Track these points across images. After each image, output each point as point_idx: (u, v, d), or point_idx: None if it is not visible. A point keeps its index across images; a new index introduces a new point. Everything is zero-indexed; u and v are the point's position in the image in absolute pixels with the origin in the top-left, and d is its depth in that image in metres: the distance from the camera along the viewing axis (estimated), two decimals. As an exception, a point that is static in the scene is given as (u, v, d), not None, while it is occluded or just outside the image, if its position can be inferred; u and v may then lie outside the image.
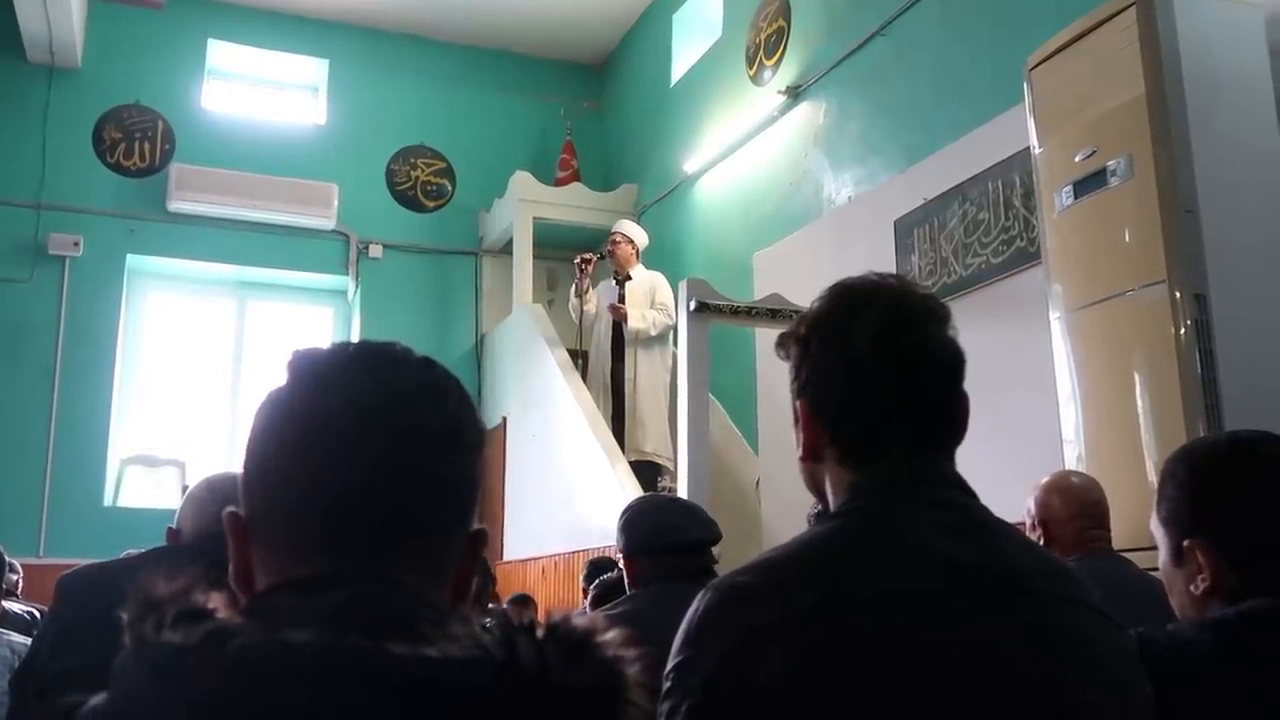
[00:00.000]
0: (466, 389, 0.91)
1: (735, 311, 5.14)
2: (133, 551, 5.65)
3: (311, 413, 0.83)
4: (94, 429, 7.57)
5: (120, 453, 7.80)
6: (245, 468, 0.86)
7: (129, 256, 7.94)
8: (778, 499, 5.49)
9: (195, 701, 0.70)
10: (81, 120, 7.91)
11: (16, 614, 3.82)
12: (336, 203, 8.25)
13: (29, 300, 7.55)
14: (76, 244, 7.64)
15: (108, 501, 7.59)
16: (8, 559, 3.45)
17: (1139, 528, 2.76)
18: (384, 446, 0.82)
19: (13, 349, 7.45)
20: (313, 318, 8.78)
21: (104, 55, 8.03)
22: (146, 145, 8.04)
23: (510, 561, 7.36)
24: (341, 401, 0.83)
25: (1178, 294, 3.14)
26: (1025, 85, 3.79)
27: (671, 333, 6.52)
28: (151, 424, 8.06)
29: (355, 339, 0.93)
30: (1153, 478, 2.97)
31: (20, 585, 5.10)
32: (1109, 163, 3.39)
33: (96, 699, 0.74)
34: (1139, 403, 3.22)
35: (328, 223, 8.29)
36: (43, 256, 7.61)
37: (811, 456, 1.24)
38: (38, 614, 3.94)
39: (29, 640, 2.78)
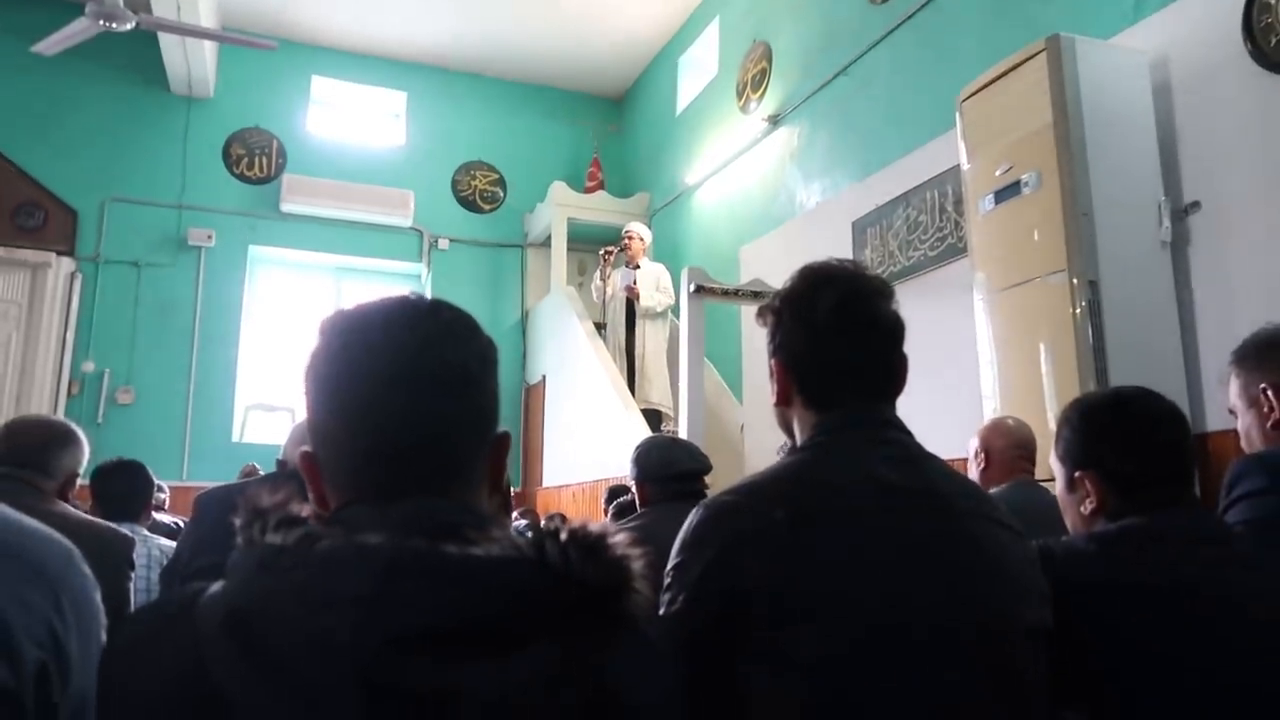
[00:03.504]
0: (473, 322, 0.85)
1: (726, 293, 5.12)
2: (249, 466, 5.73)
3: (349, 371, 0.80)
4: (224, 381, 7.60)
5: (244, 400, 7.82)
6: (309, 417, 0.83)
7: (250, 247, 7.92)
8: (758, 439, 5.49)
9: (292, 588, 0.69)
10: (213, 139, 7.89)
11: (164, 524, 3.84)
12: (413, 206, 8.22)
13: (173, 281, 7.57)
14: (210, 237, 7.65)
15: (235, 438, 7.63)
16: (158, 481, 3.48)
17: (1041, 464, 2.78)
18: (408, 393, 0.79)
19: (160, 319, 7.47)
20: (394, 296, 8.76)
21: (231, 88, 7.99)
22: (264, 159, 8.02)
23: (549, 488, 7.39)
24: (371, 360, 0.79)
25: (1075, 281, 3.12)
26: (957, 114, 3.75)
27: (671, 310, 6.52)
28: (268, 378, 8.07)
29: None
30: (1053, 425, 2.95)
31: (167, 502, 5.14)
32: (1023, 176, 3.35)
33: (215, 586, 0.74)
34: (1043, 366, 3.21)
35: (406, 221, 8.26)
36: (184, 247, 7.62)
37: (783, 402, 1.24)
38: (180, 524, 3.97)
39: (174, 544, 2.80)
